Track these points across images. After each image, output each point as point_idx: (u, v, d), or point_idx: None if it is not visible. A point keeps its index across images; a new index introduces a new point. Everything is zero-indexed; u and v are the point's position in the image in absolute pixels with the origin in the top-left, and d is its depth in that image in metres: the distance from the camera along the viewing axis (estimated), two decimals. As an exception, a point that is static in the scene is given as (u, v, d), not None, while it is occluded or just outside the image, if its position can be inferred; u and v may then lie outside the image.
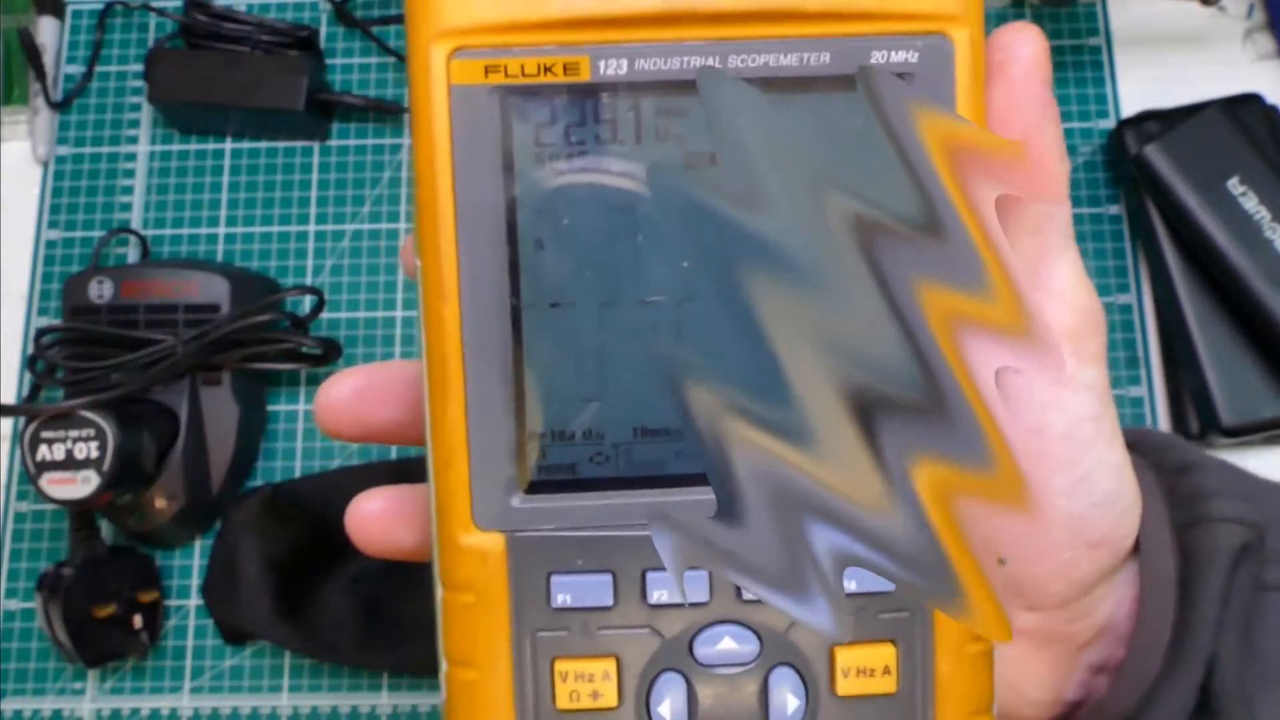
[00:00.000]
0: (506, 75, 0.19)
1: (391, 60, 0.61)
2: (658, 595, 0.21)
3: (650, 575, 0.21)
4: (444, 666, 0.22)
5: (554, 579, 0.21)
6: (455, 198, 0.20)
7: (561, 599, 0.21)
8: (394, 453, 0.55)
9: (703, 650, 0.21)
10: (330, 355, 0.54)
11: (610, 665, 0.21)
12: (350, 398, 0.26)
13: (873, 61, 0.20)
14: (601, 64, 0.19)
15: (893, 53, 0.20)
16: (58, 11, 0.62)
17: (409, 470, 0.53)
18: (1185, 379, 0.53)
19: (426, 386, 0.21)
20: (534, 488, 0.21)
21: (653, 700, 0.21)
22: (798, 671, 0.21)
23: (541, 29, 0.19)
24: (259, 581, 0.51)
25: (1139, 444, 0.28)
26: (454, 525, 0.21)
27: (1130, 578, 0.27)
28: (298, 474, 0.55)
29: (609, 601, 0.21)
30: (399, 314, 0.57)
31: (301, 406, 0.56)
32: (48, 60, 0.61)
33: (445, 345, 0.20)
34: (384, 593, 0.52)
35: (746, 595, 0.21)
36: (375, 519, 0.27)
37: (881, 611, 0.21)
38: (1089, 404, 0.24)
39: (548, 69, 0.19)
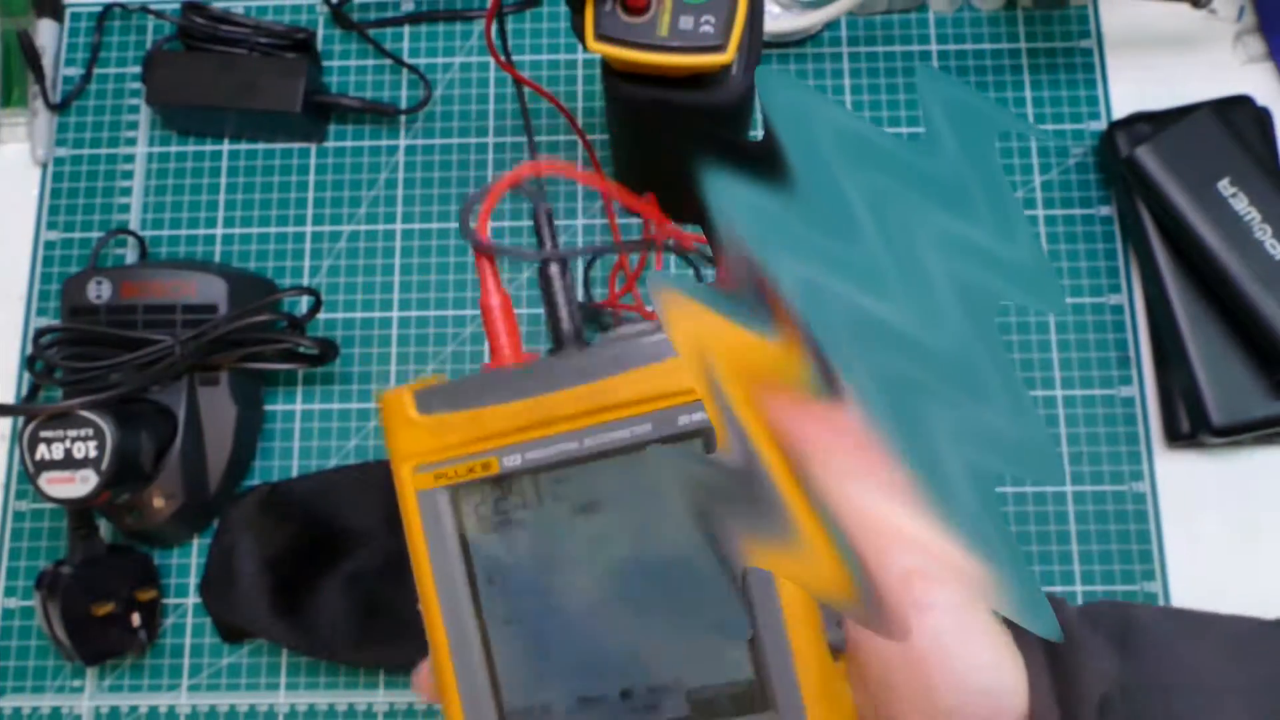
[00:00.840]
0: (449, 478, 0.29)
1: (388, 62, 0.61)
2: None
3: None
4: None
5: None
6: (430, 560, 0.29)
7: None
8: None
9: None
10: (327, 355, 0.54)
11: None
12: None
13: (680, 422, 0.28)
14: (505, 460, 0.29)
15: (693, 414, 0.28)
16: (57, 14, 0.63)
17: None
18: (1176, 379, 0.54)
19: (436, 679, 0.30)
20: None
21: None
22: None
23: (462, 445, 0.29)
24: (256, 580, 0.51)
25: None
26: None
27: None
28: (295, 473, 0.56)
29: None
30: (395, 314, 0.58)
31: (299, 406, 0.57)
32: (47, 63, 0.61)
33: (440, 655, 0.29)
34: (380, 591, 0.52)
35: None
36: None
37: None
38: (944, 620, 0.28)
39: (471, 470, 0.29)
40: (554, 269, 0.31)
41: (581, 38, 0.42)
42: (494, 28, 0.58)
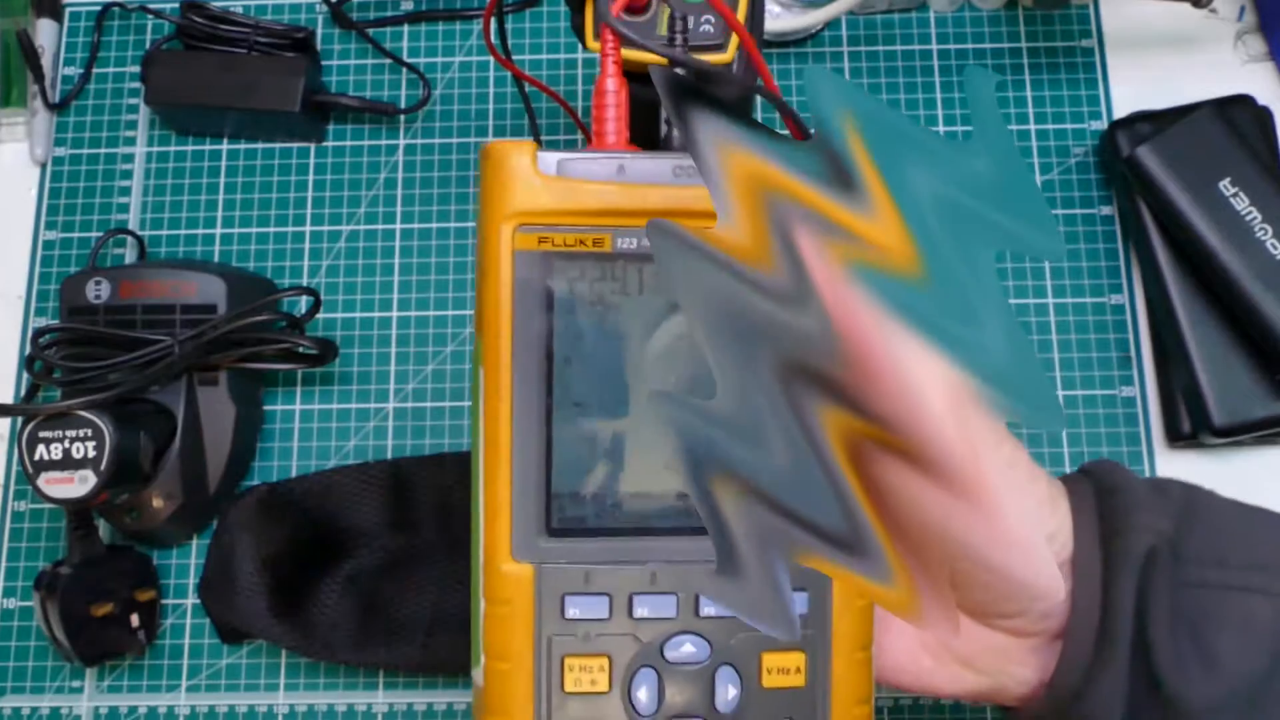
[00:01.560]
0: (554, 245, 0.28)
1: (387, 62, 0.61)
2: (640, 612, 0.30)
3: (635, 597, 0.30)
4: (482, 660, 0.30)
5: (567, 599, 0.30)
6: (512, 329, 0.28)
7: (572, 612, 0.30)
8: (389, 453, 0.56)
9: (670, 653, 0.30)
10: (327, 355, 0.54)
11: (604, 661, 0.30)
12: None
13: None
14: (620, 240, 0.28)
15: None
16: (56, 13, 0.63)
17: (403, 471, 0.54)
18: (1177, 379, 0.54)
19: (481, 458, 0.30)
20: (555, 533, 0.30)
21: (633, 688, 0.30)
22: (736, 670, 0.30)
23: (576, 215, 0.28)
24: (255, 581, 0.51)
25: (1089, 469, 0.35)
26: (498, 557, 0.30)
27: None
28: (294, 473, 0.55)
29: (605, 615, 0.30)
30: (394, 314, 0.57)
31: (298, 406, 0.57)
32: (46, 62, 0.61)
33: (499, 431, 0.29)
34: (380, 592, 0.52)
35: (703, 612, 0.30)
36: None
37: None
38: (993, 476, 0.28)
39: (582, 242, 0.28)
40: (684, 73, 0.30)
41: (581, 37, 0.42)
42: (493, 26, 0.57)
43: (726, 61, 0.42)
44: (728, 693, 0.30)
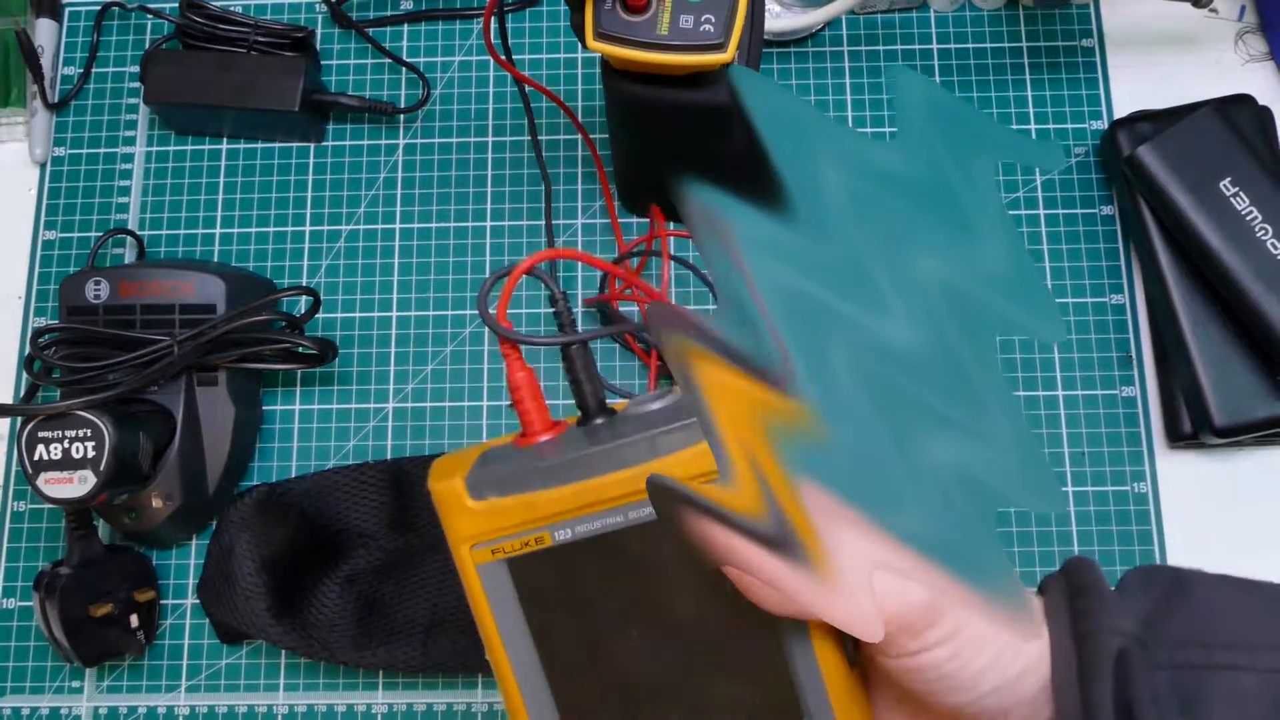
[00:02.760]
0: (505, 552, 0.32)
1: (387, 61, 0.61)
2: None
3: None
4: None
5: None
6: (496, 624, 0.33)
7: None
8: (389, 453, 0.55)
9: None
10: (326, 356, 0.54)
11: None
12: None
13: None
14: (556, 533, 0.32)
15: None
16: (55, 13, 0.62)
17: (402, 471, 0.54)
18: (1178, 379, 0.53)
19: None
20: None
21: None
22: None
23: (516, 525, 0.32)
24: (254, 581, 0.51)
25: (1066, 569, 0.35)
26: None
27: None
28: (293, 474, 0.55)
29: None
30: (394, 314, 0.57)
31: (297, 406, 0.57)
32: (45, 62, 0.61)
33: (514, 703, 0.33)
34: (378, 592, 0.52)
35: None
36: None
37: None
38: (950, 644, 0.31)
39: (526, 544, 0.32)
40: (575, 350, 0.34)
41: (581, 36, 0.42)
42: (493, 26, 0.57)
43: (726, 61, 0.42)
44: None
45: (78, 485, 0.48)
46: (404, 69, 0.61)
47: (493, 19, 0.47)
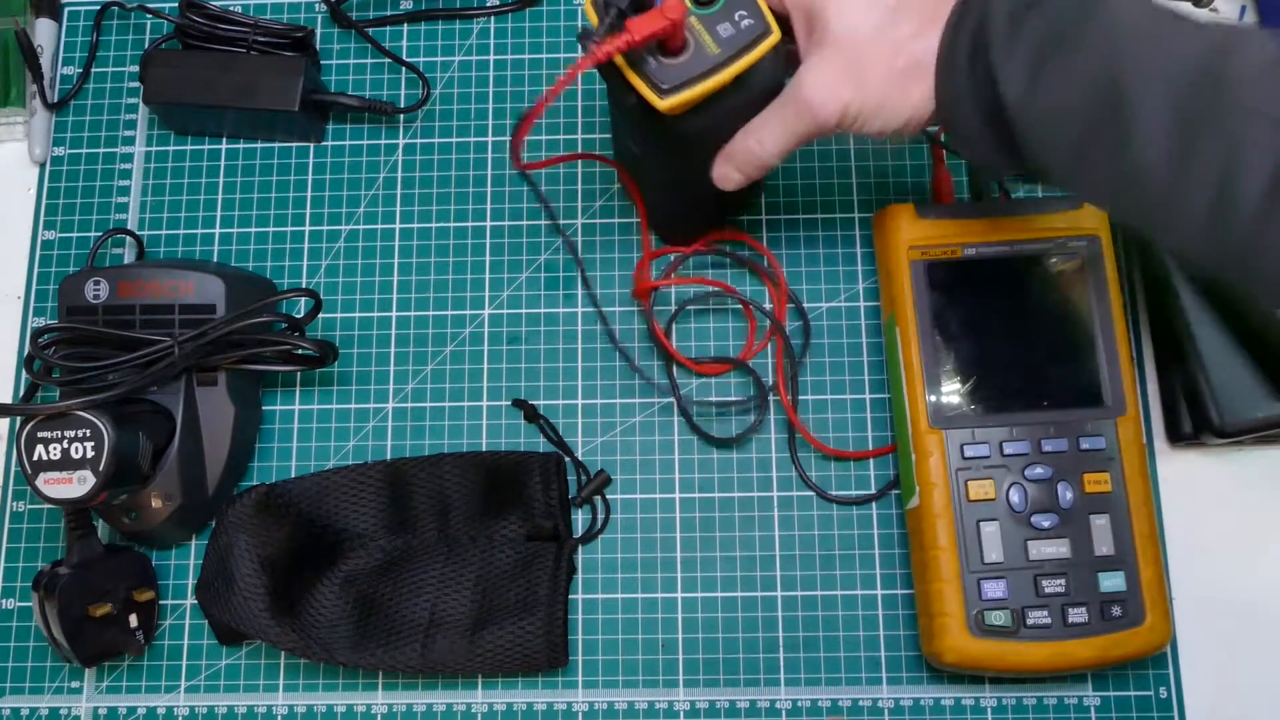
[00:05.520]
0: (930, 255, 0.52)
1: (387, 61, 0.61)
2: (1009, 450, 0.50)
3: (1004, 444, 0.50)
4: (916, 489, 0.50)
5: (964, 446, 0.50)
6: (913, 304, 0.51)
7: (969, 453, 0.50)
8: (388, 454, 0.55)
9: (1028, 473, 0.49)
10: (326, 357, 0.54)
11: (991, 482, 0.50)
12: None
13: (1069, 245, 0.52)
14: (965, 249, 0.52)
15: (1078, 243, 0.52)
16: (55, 13, 0.62)
17: (401, 472, 0.54)
18: (1179, 379, 0.53)
19: (902, 378, 0.52)
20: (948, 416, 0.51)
21: (1009, 494, 0.49)
22: (1069, 482, 0.49)
23: (941, 239, 0.52)
24: (253, 581, 0.51)
25: None
26: (921, 425, 0.50)
27: None
28: (293, 474, 0.55)
29: (988, 455, 0.50)
30: (394, 315, 0.57)
31: (297, 407, 0.57)
32: (45, 62, 0.61)
33: (912, 356, 0.52)
34: (377, 593, 0.52)
35: (1044, 449, 0.49)
36: None
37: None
38: None
39: (945, 252, 0.52)
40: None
41: (647, 105, 0.41)
42: (493, 30, 0.57)
43: (778, 40, 0.42)
44: (1066, 495, 0.49)
45: (77, 485, 0.48)
46: (404, 69, 0.61)
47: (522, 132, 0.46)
